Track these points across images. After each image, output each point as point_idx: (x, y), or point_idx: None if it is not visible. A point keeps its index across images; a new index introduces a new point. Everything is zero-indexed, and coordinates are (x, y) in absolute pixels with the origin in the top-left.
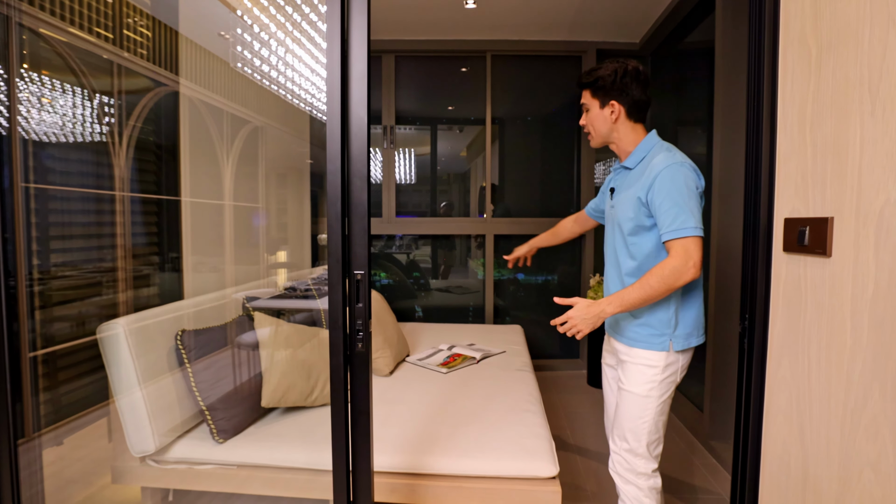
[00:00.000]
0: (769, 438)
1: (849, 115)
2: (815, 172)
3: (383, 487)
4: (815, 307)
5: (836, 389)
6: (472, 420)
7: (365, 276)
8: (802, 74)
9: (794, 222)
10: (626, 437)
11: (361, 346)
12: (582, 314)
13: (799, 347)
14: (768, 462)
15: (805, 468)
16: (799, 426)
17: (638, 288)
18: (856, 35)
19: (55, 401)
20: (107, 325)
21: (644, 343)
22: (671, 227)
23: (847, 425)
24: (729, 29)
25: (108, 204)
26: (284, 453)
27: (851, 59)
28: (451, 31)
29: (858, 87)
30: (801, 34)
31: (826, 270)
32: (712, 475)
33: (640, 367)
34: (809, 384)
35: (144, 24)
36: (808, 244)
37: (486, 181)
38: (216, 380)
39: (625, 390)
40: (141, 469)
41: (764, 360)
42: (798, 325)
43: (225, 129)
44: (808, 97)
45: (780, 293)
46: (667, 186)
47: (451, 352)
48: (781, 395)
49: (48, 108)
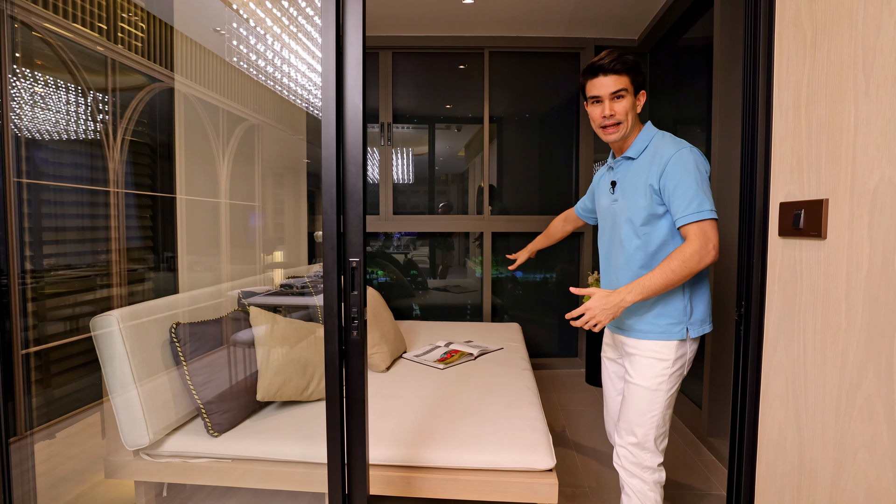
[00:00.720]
0: (765, 424)
1: (843, 96)
2: (809, 155)
3: (379, 480)
4: (811, 290)
5: (832, 371)
6: (469, 414)
7: (360, 263)
8: (797, 57)
9: (790, 206)
10: (634, 430)
11: (356, 333)
12: (601, 304)
13: (795, 331)
14: (765, 448)
15: (801, 452)
16: (795, 410)
17: (660, 273)
18: (850, 15)
19: (48, 398)
20: (101, 318)
21: (660, 334)
22: (687, 211)
23: (842, 407)
24: (727, 24)
25: (102, 200)
26: (280, 447)
27: (846, 40)
28: (449, 27)
29: (853, 67)
30: (795, 17)
31: (821, 252)
32: (711, 472)
33: (650, 361)
34: (805, 368)
35: (139, 19)
36: (804, 227)
37: (484, 181)
38: (211, 374)
39: (634, 384)
40: (135, 463)
41: (760, 346)
42: (794, 309)
43: (221, 126)
44: (802, 79)
45: (776, 278)
46: (679, 171)
47: (449, 348)
48: (778, 380)
49: (41, 104)
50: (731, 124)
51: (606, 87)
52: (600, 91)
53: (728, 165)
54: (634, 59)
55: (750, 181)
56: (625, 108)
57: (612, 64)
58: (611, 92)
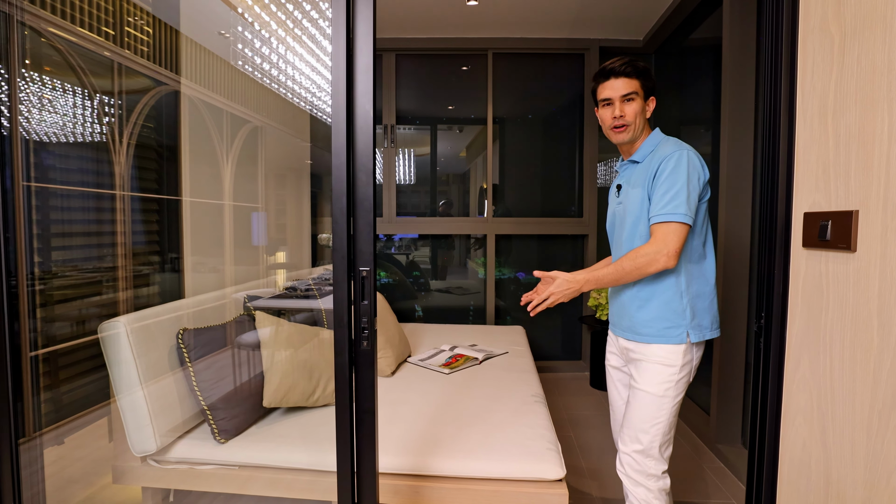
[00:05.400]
0: (787, 440)
1: (875, 104)
2: (837, 164)
3: (386, 489)
4: (838, 304)
5: (862, 389)
6: (476, 421)
7: (370, 273)
8: (824, 63)
9: (815, 216)
10: (639, 437)
11: (366, 344)
12: (563, 289)
13: (820, 346)
14: (786, 465)
15: (827, 471)
16: (821, 428)
17: (612, 269)
18: (883, 18)
19: (56, 400)
20: (108, 323)
21: (660, 337)
22: (659, 210)
23: (874, 427)
24: (737, 24)
25: (108, 203)
26: (286, 454)
27: (878, 45)
28: (453, 28)
29: (886, 73)
30: (822, 21)
31: (850, 266)
32: (720, 479)
33: (658, 367)
34: (832, 384)
35: (146, 23)
36: (831, 239)
37: (486, 182)
38: (217, 379)
39: (640, 390)
40: (142, 469)
41: (782, 360)
42: (819, 322)
43: (225, 128)
44: (829, 86)
45: (798, 290)
46: (668, 170)
47: (454, 352)
48: (801, 395)
49: (49, 108)
50: (740, 126)
51: (617, 90)
52: (611, 93)
53: (738, 169)
54: (645, 65)
55: (771, 190)
56: (634, 110)
57: (623, 67)
58: (621, 94)
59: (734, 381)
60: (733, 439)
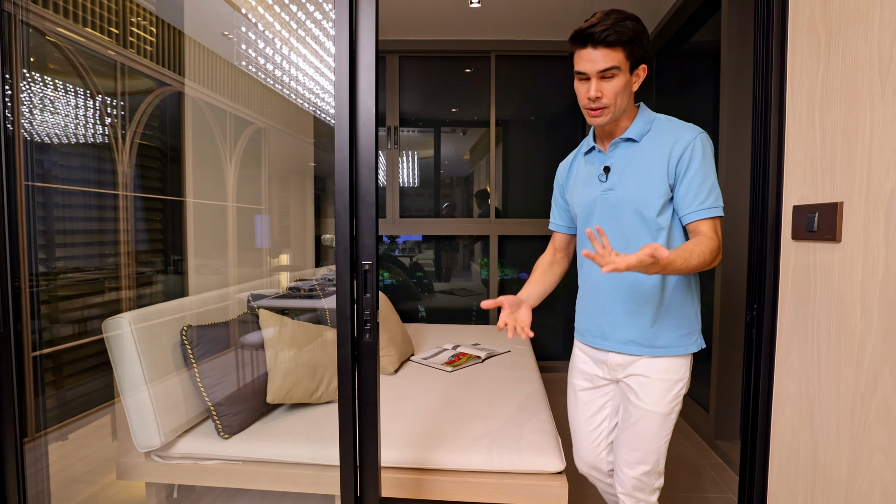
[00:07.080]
0: (778, 427)
1: (858, 99)
2: (823, 158)
3: (389, 482)
4: (825, 293)
5: (847, 374)
6: (478, 416)
7: (372, 266)
8: (811, 60)
9: (804, 209)
10: (647, 459)
11: (369, 336)
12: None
13: (808, 334)
14: (777, 450)
15: (815, 455)
16: (808, 413)
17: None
18: (865, 17)
19: (60, 399)
20: (112, 321)
21: (676, 347)
22: (704, 205)
23: (857, 409)
24: (735, 27)
25: (111, 204)
26: (290, 449)
27: (861, 43)
28: (456, 31)
29: (868, 70)
30: (809, 20)
31: (835, 256)
32: (719, 476)
33: (666, 383)
34: (819, 370)
35: (149, 24)
36: (818, 230)
37: (489, 184)
38: (221, 376)
39: (646, 410)
40: (146, 465)
41: (773, 349)
42: (807, 311)
43: (228, 129)
44: (816, 83)
45: (788, 281)
46: (699, 158)
47: (456, 351)
48: (790, 382)
49: (52, 108)
50: (739, 127)
51: (594, 63)
52: (587, 67)
53: (736, 168)
54: (635, 28)
55: (762, 184)
56: (615, 89)
57: (604, 34)
58: (599, 70)
59: (733, 380)
60: (732, 436)
